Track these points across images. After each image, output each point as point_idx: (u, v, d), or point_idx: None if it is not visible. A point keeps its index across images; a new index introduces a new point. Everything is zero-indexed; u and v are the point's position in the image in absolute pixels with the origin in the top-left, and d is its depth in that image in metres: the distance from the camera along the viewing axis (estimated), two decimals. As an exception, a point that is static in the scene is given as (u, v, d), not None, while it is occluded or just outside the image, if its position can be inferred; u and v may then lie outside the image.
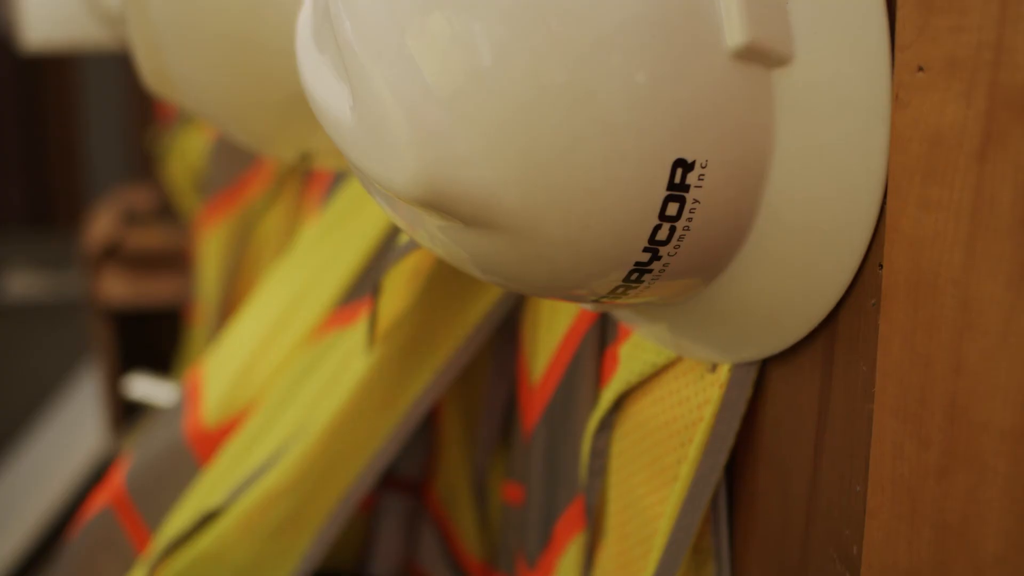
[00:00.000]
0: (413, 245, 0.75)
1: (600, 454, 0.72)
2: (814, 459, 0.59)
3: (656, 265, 0.55)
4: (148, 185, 2.10)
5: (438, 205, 0.54)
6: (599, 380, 0.73)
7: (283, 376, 0.93)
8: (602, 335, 0.73)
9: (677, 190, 0.53)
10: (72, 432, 2.49)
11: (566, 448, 0.76)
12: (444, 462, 0.93)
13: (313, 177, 1.20)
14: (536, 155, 0.52)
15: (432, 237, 0.59)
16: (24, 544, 2.22)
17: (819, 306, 0.56)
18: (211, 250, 1.47)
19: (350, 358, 0.87)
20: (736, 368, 0.62)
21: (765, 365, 0.62)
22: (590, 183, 0.52)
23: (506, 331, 0.86)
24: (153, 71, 0.82)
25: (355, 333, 0.89)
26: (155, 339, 1.91)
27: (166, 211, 1.95)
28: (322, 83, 0.57)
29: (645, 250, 0.54)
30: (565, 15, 0.51)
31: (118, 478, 0.97)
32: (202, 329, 1.63)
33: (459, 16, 0.52)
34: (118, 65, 2.79)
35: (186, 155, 1.66)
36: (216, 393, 0.96)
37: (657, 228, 0.54)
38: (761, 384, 0.62)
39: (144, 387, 1.34)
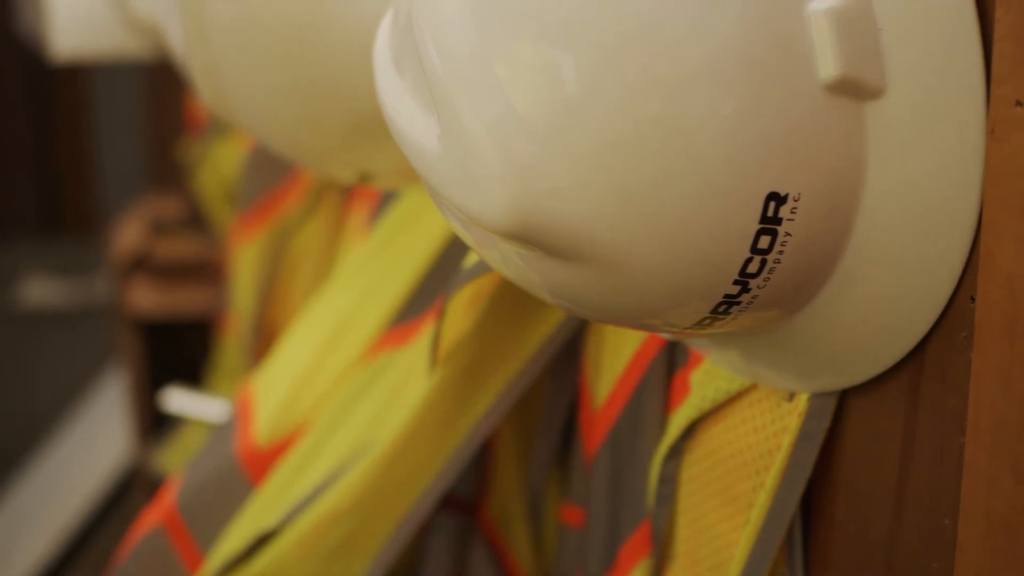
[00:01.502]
0: (481, 268, 0.75)
1: (669, 480, 0.71)
2: (898, 491, 0.59)
3: (745, 297, 0.55)
4: (175, 194, 2.10)
5: (527, 238, 0.53)
6: (667, 405, 0.73)
7: (336, 396, 0.93)
8: (671, 360, 0.72)
9: (769, 223, 0.52)
10: (94, 442, 2.49)
11: (631, 473, 0.76)
12: (498, 481, 0.92)
13: (354, 193, 1.20)
14: (628, 188, 0.52)
15: (505, 260, 0.59)
16: (45, 557, 2.21)
17: (907, 338, 0.56)
18: (245, 263, 1.47)
19: (408, 379, 0.86)
20: (815, 397, 0.62)
21: (845, 394, 0.61)
22: (683, 216, 0.52)
23: (565, 351, 0.85)
24: (210, 90, 0.81)
25: (411, 353, 0.89)
26: (182, 350, 1.91)
27: (194, 221, 1.95)
28: (405, 110, 0.57)
29: (735, 283, 0.54)
30: (656, 47, 0.51)
31: (169, 497, 0.97)
32: (234, 341, 1.63)
33: (550, 46, 0.52)
34: (129, 69, 2.79)
35: (218, 166, 1.66)
36: (268, 412, 0.95)
37: (748, 261, 0.53)
38: (840, 413, 0.62)
39: (181, 400, 1.34)
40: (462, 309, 0.80)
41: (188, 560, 0.94)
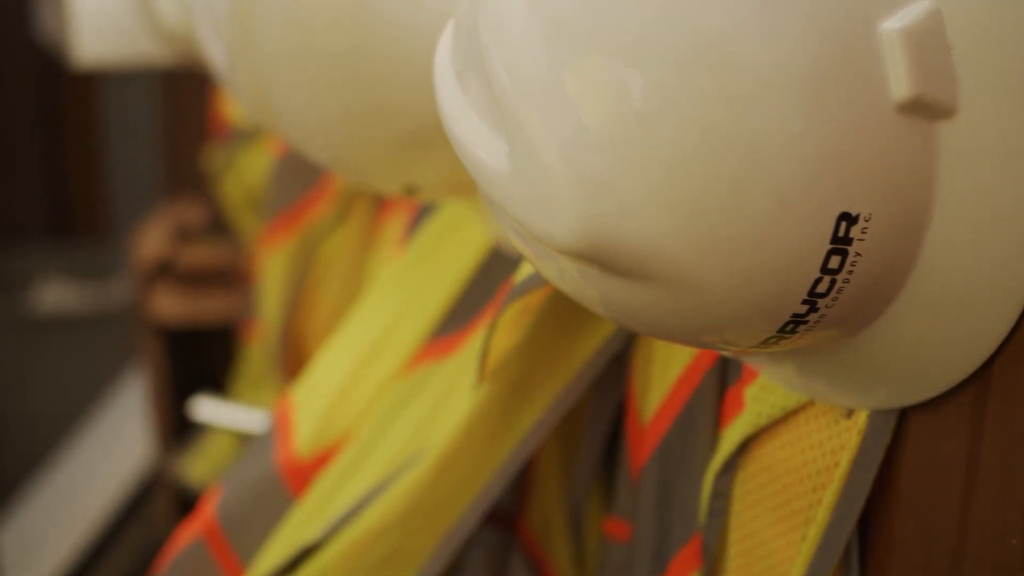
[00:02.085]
0: (533, 283, 0.75)
1: (721, 495, 0.71)
2: (961, 509, 0.59)
3: (812, 316, 0.55)
4: (197, 200, 2.10)
5: (596, 258, 0.53)
6: (718, 420, 0.72)
7: (377, 408, 0.92)
8: (723, 375, 0.72)
9: (841, 243, 0.52)
10: (112, 448, 2.49)
11: (681, 487, 0.76)
12: (539, 493, 0.92)
13: (387, 202, 1.20)
14: (701, 206, 0.52)
15: (562, 274, 0.59)
16: (64, 564, 2.21)
17: (973, 356, 0.56)
18: (273, 270, 1.47)
19: (452, 392, 0.86)
20: (875, 414, 0.62)
21: (905, 411, 0.61)
22: (755, 235, 0.52)
23: (609, 363, 0.85)
24: (256, 103, 0.81)
25: (453, 365, 0.89)
26: (204, 357, 1.91)
27: (217, 227, 1.95)
28: (470, 128, 0.57)
29: (804, 302, 0.54)
30: (725, 62, 0.51)
31: (209, 509, 0.96)
32: (260, 348, 1.63)
33: (619, 63, 0.52)
34: (141, 73, 2.79)
35: (242, 174, 1.66)
36: (308, 425, 0.95)
37: (818, 281, 0.53)
38: (900, 430, 0.62)
39: (210, 409, 1.34)
40: (510, 323, 0.79)
41: (228, 572, 0.94)
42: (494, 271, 0.91)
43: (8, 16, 4.08)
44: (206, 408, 1.33)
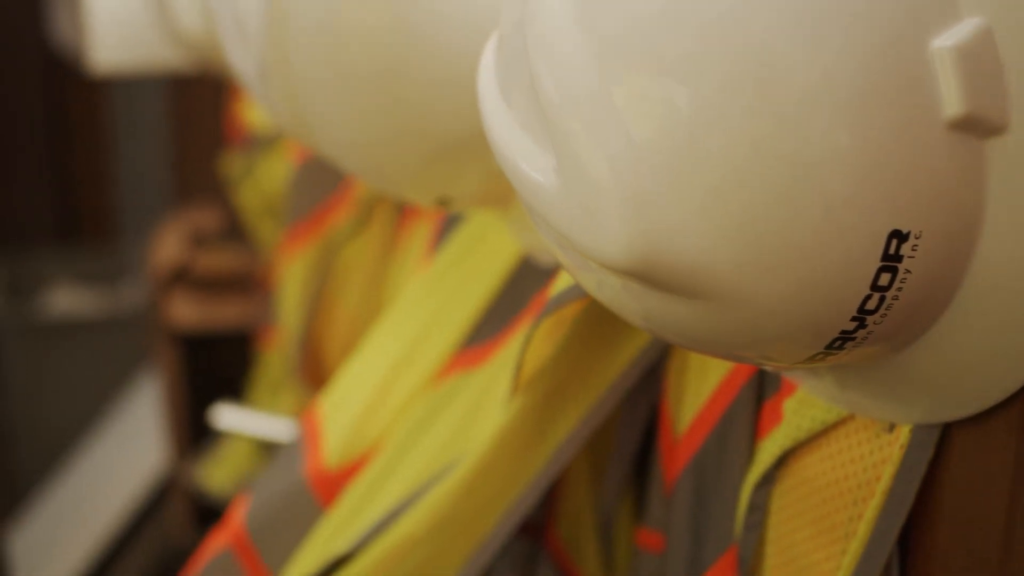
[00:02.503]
0: (569, 296, 0.75)
1: (758, 508, 0.71)
2: (1007, 523, 0.59)
3: (860, 333, 0.55)
4: (212, 205, 2.10)
5: (646, 275, 0.53)
6: (755, 433, 0.72)
7: (407, 418, 0.92)
8: (760, 388, 0.72)
9: (891, 261, 0.52)
10: (125, 454, 2.48)
11: (717, 500, 0.76)
12: (568, 502, 0.92)
13: (409, 210, 1.20)
14: (751, 223, 0.52)
15: (601, 286, 0.59)
16: (76, 570, 2.21)
17: (1020, 372, 0.56)
18: (293, 277, 1.47)
19: (483, 403, 0.86)
20: (918, 428, 0.61)
21: (949, 426, 0.61)
22: (806, 252, 0.52)
23: (641, 374, 0.85)
24: (290, 116, 0.81)
25: (484, 376, 0.89)
26: (220, 363, 1.90)
27: (233, 232, 1.95)
28: (517, 143, 0.57)
29: (853, 319, 0.54)
30: (773, 77, 0.51)
31: (237, 519, 0.96)
32: (278, 355, 1.63)
33: (667, 78, 0.52)
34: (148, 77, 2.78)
35: (261, 181, 1.66)
36: (337, 435, 0.95)
37: (867, 298, 0.53)
38: (943, 445, 0.62)
39: (232, 417, 1.34)
40: (544, 335, 0.80)
41: (258, 582, 0.94)
42: (524, 281, 0.91)
43: (16, 20, 4.08)
44: (227, 416, 1.32)
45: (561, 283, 0.77)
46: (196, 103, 2.66)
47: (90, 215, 3.98)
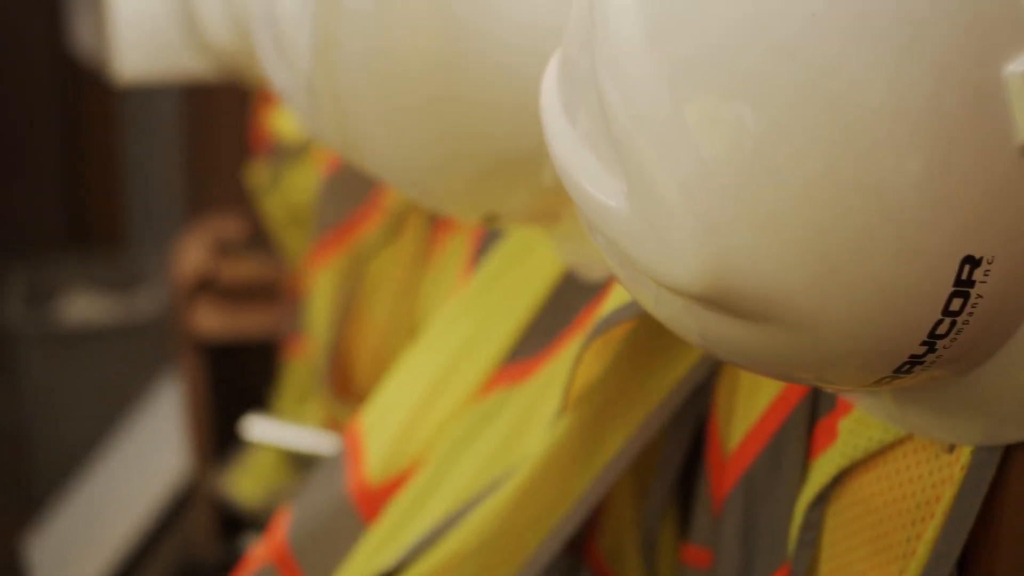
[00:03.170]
0: (623, 316, 0.75)
1: (813, 526, 0.71)
2: (1070, 546, 0.58)
3: (929, 357, 0.55)
4: (236, 214, 2.10)
5: (717, 300, 0.53)
6: (808, 451, 0.72)
7: (450, 432, 0.92)
8: (813, 406, 0.72)
9: (963, 286, 0.52)
10: (146, 462, 2.48)
11: (767, 517, 0.76)
12: (611, 517, 0.92)
13: (443, 223, 1.20)
14: (824, 248, 0.52)
15: (658, 303, 0.59)
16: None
17: (1086, 395, 0.56)
18: (322, 287, 1.47)
19: (529, 419, 0.86)
20: (979, 449, 0.61)
21: (1010, 447, 0.61)
22: (879, 277, 0.52)
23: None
24: (337, 136, 0.81)
25: (529, 391, 0.89)
26: (244, 371, 1.90)
27: (257, 241, 1.95)
28: (584, 166, 0.57)
29: (923, 343, 0.54)
30: (844, 100, 0.51)
31: (279, 534, 0.96)
32: (304, 364, 1.63)
33: (736, 98, 0.52)
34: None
35: (288, 192, 1.66)
36: (378, 450, 0.95)
37: (938, 323, 0.53)
38: (1004, 466, 0.61)
39: (264, 428, 1.34)
40: (593, 354, 0.80)
41: (300, 597, 0.94)
42: (567, 296, 0.91)
43: (29, 28, 4.09)
44: (259, 427, 1.33)
45: (611, 303, 0.77)
46: (211, 108, 2.66)
47: (104, 221, 3.98)
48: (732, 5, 0.52)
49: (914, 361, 0.55)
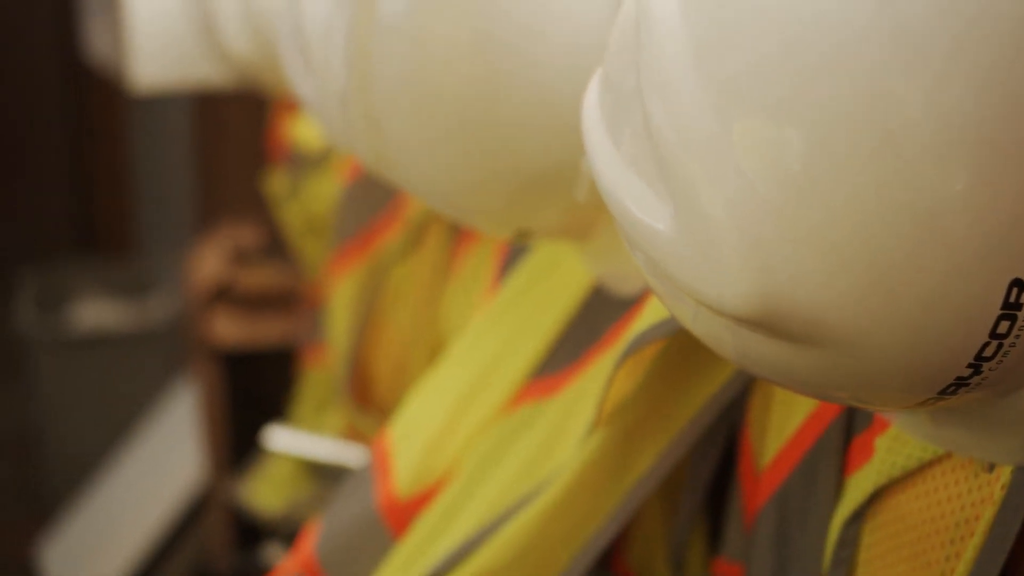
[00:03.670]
0: (658, 334, 0.75)
1: (849, 543, 0.71)
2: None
3: (975, 379, 0.55)
4: (252, 221, 2.10)
5: (764, 323, 0.53)
6: (843, 468, 0.72)
7: (478, 447, 0.92)
8: (849, 424, 0.72)
9: (1011, 309, 0.52)
10: (158, 468, 2.48)
11: (802, 533, 0.76)
12: (639, 531, 0.92)
13: (466, 235, 1.20)
14: (873, 270, 0.52)
15: (696, 319, 0.59)
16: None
17: None
18: (342, 297, 1.47)
19: (559, 435, 0.86)
20: (1020, 469, 0.61)
21: (1051, 467, 0.61)
22: (927, 300, 0.52)
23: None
24: (370, 150, 0.82)
25: (559, 406, 0.89)
26: (260, 379, 1.91)
27: (274, 249, 1.95)
28: (626, 183, 0.57)
29: (969, 366, 0.54)
30: (888, 120, 0.51)
31: (308, 547, 0.97)
32: (322, 373, 1.63)
33: (782, 120, 0.52)
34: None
35: (307, 201, 1.66)
36: (407, 463, 0.95)
37: (985, 345, 0.53)
38: (1046, 485, 0.62)
39: (285, 439, 1.34)
40: (625, 370, 0.80)
41: (329, 611, 0.94)
42: (596, 311, 0.91)
43: (38, 34, 4.09)
44: (281, 437, 1.33)
45: (645, 320, 0.77)
46: (221, 113, 2.66)
47: (114, 227, 3.99)
48: (776, 25, 0.52)
49: (959, 383, 0.55)
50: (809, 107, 0.52)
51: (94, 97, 3.94)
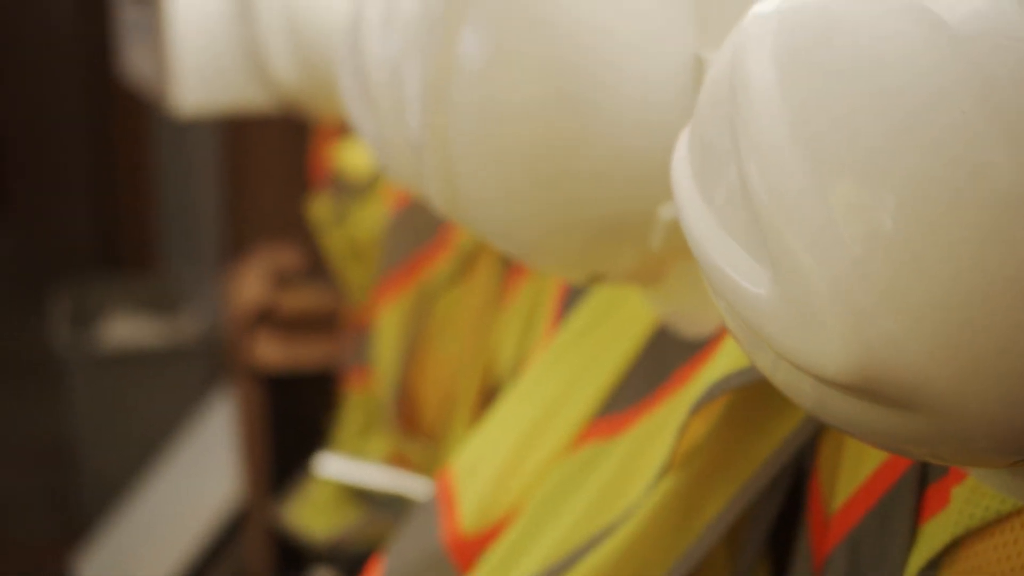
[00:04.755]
0: (732, 383, 0.76)
1: None
2: None
3: (1067, 441, 0.55)
4: (294, 244, 2.11)
5: (864, 389, 0.54)
6: (918, 515, 0.73)
7: (544, 484, 0.93)
8: (924, 472, 0.73)
9: None
10: (193, 487, 2.49)
11: (874, 579, 0.76)
12: (703, 571, 0.93)
13: (517, 266, 1.20)
14: (972, 336, 0.52)
15: (776, 368, 0.59)
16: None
17: None
18: (388, 324, 1.48)
19: (627, 476, 0.87)
20: (1100, 524, 0.62)
21: None
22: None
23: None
24: (443, 193, 0.83)
25: (625, 445, 0.89)
26: (301, 401, 1.92)
27: (316, 271, 1.96)
28: (722, 246, 0.57)
29: (1063, 427, 0.55)
30: (988, 189, 0.52)
31: (374, 583, 0.98)
32: (365, 398, 1.63)
33: (886, 187, 0.52)
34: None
35: (351, 228, 1.67)
36: (472, 499, 0.96)
37: None
38: None
39: (337, 466, 1.35)
40: (699, 416, 0.80)
41: (395, 647, 0.95)
42: (661, 350, 0.92)
43: (65, 53, 4.11)
44: (333, 465, 1.34)
45: (720, 367, 0.78)
46: (248, 130, 2.67)
47: (141, 243, 4.00)
48: (881, 112, 0.53)
49: (1052, 446, 0.56)
50: (910, 181, 0.52)
51: (120, 115, 3.96)
